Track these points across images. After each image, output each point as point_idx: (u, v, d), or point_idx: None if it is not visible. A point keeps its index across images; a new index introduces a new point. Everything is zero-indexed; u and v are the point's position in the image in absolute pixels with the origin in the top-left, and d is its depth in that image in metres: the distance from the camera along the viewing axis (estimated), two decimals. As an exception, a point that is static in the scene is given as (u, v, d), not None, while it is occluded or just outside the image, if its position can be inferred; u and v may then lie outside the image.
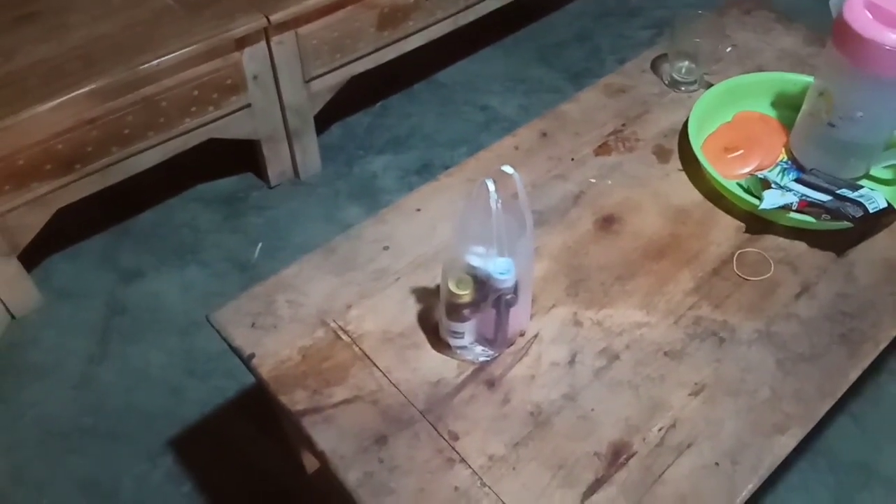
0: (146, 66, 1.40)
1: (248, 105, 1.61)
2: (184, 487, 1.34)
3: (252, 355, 0.98)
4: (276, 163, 1.77)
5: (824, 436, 1.40)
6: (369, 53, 1.72)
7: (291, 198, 1.80)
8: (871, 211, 1.05)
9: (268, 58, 1.56)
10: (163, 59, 1.41)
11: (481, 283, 0.90)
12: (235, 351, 0.99)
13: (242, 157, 1.82)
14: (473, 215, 0.86)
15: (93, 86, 1.36)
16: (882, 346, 0.99)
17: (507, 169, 0.83)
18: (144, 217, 1.77)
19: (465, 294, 0.90)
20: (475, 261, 0.89)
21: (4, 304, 1.52)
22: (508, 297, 0.90)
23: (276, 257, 1.67)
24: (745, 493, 0.86)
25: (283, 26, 1.53)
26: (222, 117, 1.58)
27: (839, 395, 0.95)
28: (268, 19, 1.49)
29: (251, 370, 0.98)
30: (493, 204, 0.82)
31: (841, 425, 1.42)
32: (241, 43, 1.50)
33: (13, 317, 1.56)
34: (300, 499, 1.33)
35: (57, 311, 1.59)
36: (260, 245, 1.70)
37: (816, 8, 1.42)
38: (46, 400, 1.45)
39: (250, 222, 1.75)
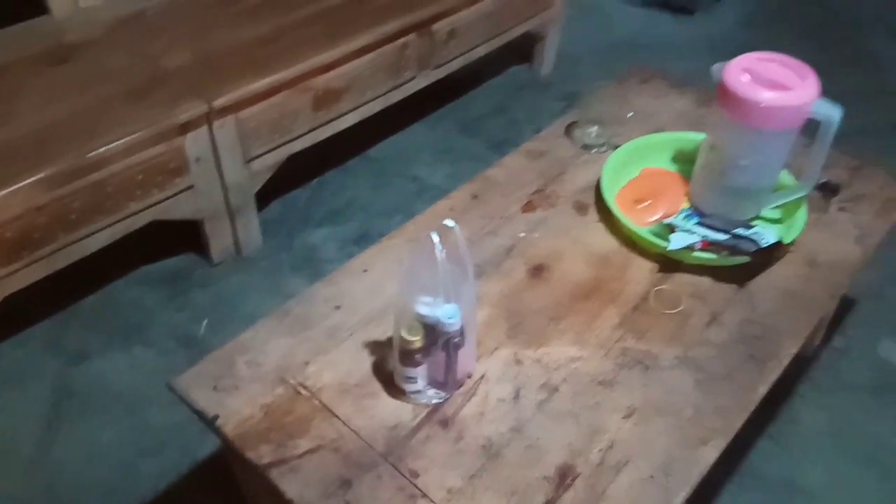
0: (94, 153, 1.46)
1: (191, 186, 1.68)
2: (143, 564, 1.34)
3: (216, 416, 1.03)
4: (219, 240, 1.84)
5: (749, 458, 1.52)
6: (306, 133, 1.83)
7: (235, 273, 1.86)
8: (763, 246, 1.20)
9: (209, 141, 1.65)
10: (110, 145, 1.48)
11: (430, 329, 0.99)
12: (199, 414, 1.04)
13: (184, 236, 1.87)
14: (419, 267, 0.96)
15: (42, 174, 1.42)
16: (785, 363, 1.12)
17: (449, 222, 0.94)
18: (89, 300, 1.79)
19: (417, 340, 0.99)
20: (423, 309, 0.99)
21: (-52, 396, 1.51)
22: (456, 339, 1.00)
23: (223, 331, 1.70)
24: (679, 500, 0.95)
25: (225, 111, 1.63)
26: (166, 199, 1.65)
27: (752, 407, 1.07)
28: (210, 105, 1.59)
29: (215, 431, 1.03)
30: (438, 254, 0.92)
31: (763, 448, 1.54)
32: (185, 128, 1.59)
33: (-43, 407, 1.54)
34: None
35: (5, 396, 1.58)
36: (206, 321, 1.75)
37: (704, 74, 1.63)
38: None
39: (195, 299, 1.80)
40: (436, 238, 0.92)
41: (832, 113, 1.17)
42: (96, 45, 1.76)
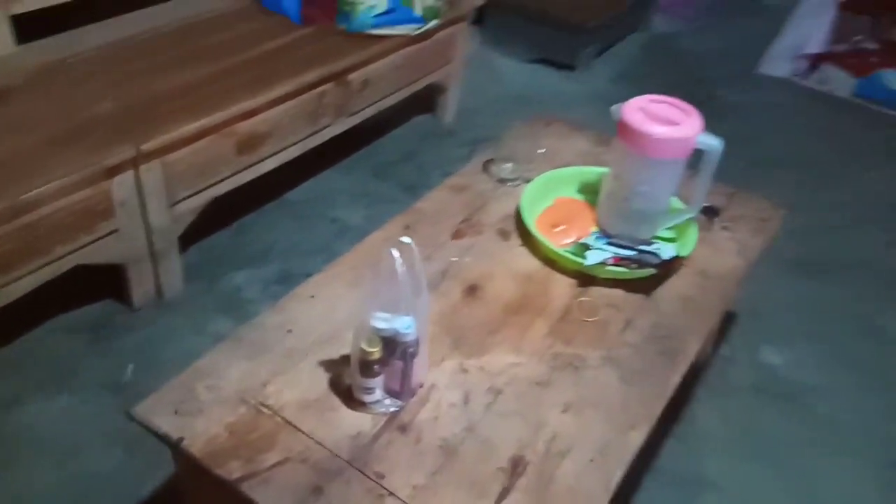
0: (25, 196, 1.46)
1: (116, 230, 1.69)
2: None
3: (181, 438, 1.06)
4: (141, 285, 1.83)
5: (660, 458, 1.68)
6: (229, 176, 1.89)
7: (158, 317, 1.86)
8: (664, 259, 1.39)
9: (135, 185, 1.67)
10: (40, 189, 1.48)
11: (388, 342, 1.08)
12: (163, 438, 1.07)
13: (103, 282, 1.86)
14: (380, 282, 1.05)
15: (-34, 218, 1.40)
16: (691, 357, 1.29)
17: (406, 239, 1.04)
18: (7, 350, 1.73)
19: (375, 351, 1.07)
20: (380, 323, 1.08)
21: None
22: (412, 349, 1.09)
23: (151, 375, 1.70)
24: (616, 478, 1.08)
25: (152, 155, 1.66)
26: (92, 243, 1.65)
27: (669, 395, 1.22)
28: (137, 149, 1.62)
29: (182, 452, 1.06)
30: (398, 268, 1.02)
31: (671, 448, 1.71)
32: (112, 172, 1.61)
33: None
34: None
35: (-86, 457, 1.49)
36: (131, 366, 1.73)
37: (590, 121, 1.84)
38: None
39: (118, 345, 1.78)
40: (396, 253, 1.02)
41: (714, 143, 1.38)
42: (18, 92, 1.75)
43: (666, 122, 1.37)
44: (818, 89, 3.31)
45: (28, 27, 1.91)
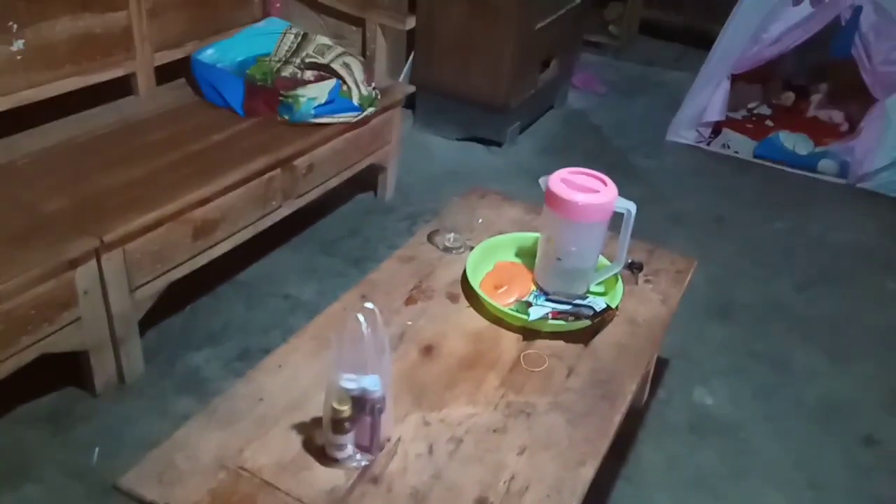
0: (-12, 292, 1.52)
1: (79, 318, 1.74)
2: None
3: (167, 505, 1.13)
4: (103, 370, 1.88)
5: (612, 499, 1.80)
6: (186, 261, 1.98)
7: (120, 402, 1.89)
8: (598, 310, 1.55)
9: (97, 274, 1.74)
10: (5, 284, 1.54)
11: (356, 400, 1.19)
12: (149, 506, 1.13)
13: (64, 372, 1.89)
14: (345, 346, 1.17)
15: (-66, 316, 1.44)
16: (628, 396, 1.43)
17: (369, 305, 1.16)
18: (-40, 449, 1.73)
19: (346, 409, 1.17)
20: (349, 384, 1.18)
21: None
22: (379, 405, 1.20)
23: (117, 458, 1.72)
24: (572, 509, 1.20)
25: (113, 245, 1.74)
26: (54, 332, 1.70)
27: (612, 433, 1.35)
28: (101, 240, 1.70)
29: (167, 519, 1.12)
30: (363, 330, 1.14)
31: (621, 489, 1.83)
32: (75, 263, 1.68)
33: None
34: None
35: None
36: (97, 449, 1.76)
37: (518, 192, 2.02)
38: None
39: (82, 432, 1.80)
40: (361, 318, 1.14)
41: (629, 206, 1.56)
42: (-33, 195, 1.81)
43: (587, 190, 1.55)
44: (721, 153, 3.64)
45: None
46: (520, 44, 3.21)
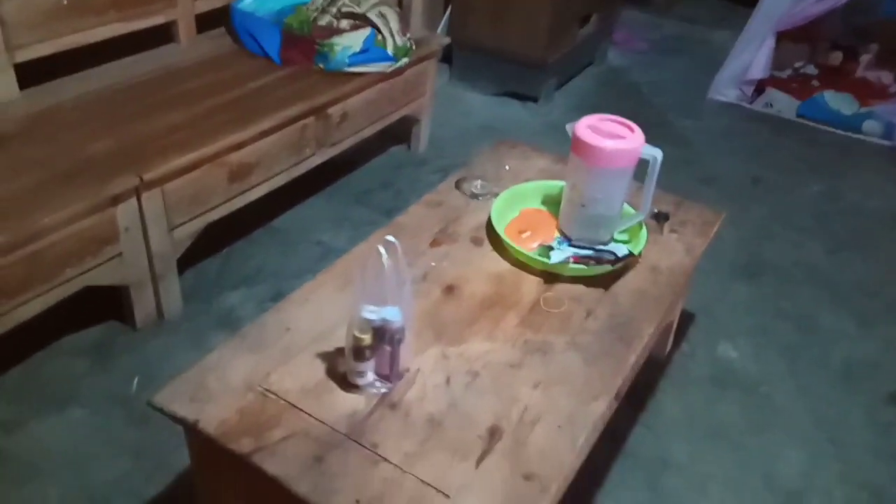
0: (35, 224, 1.60)
1: (120, 254, 1.83)
2: None
3: (197, 421, 1.20)
4: (143, 306, 1.97)
5: (629, 445, 1.83)
6: (222, 203, 2.04)
7: (158, 336, 1.98)
8: (619, 256, 1.56)
9: (138, 211, 1.82)
10: (49, 217, 1.62)
11: (377, 330, 1.24)
12: (181, 421, 1.21)
13: (107, 307, 1.99)
14: (367, 278, 1.21)
15: (-14, 244, 1.53)
16: (646, 339, 1.46)
17: (391, 238, 1.20)
18: (12, 375, 1.84)
19: (366, 338, 1.23)
20: (370, 314, 1.23)
21: None
22: (398, 335, 1.24)
23: (155, 386, 1.80)
24: (581, 440, 1.23)
25: (153, 184, 1.81)
26: (97, 266, 1.78)
27: (626, 372, 1.39)
28: (141, 178, 1.77)
29: (198, 433, 1.19)
30: (385, 263, 1.18)
31: (639, 434, 1.87)
32: (116, 200, 1.75)
33: None
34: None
35: (-66, 471, 1.60)
36: (137, 379, 1.85)
37: (555, 146, 2.03)
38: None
39: (123, 363, 1.90)
40: (383, 250, 1.18)
41: (656, 153, 1.57)
42: (20, 136, 1.89)
43: (613, 136, 1.56)
44: (763, 112, 3.57)
45: (26, 75, 2.06)
46: (557, -2, 3.18)
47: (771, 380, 2.06)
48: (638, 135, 1.57)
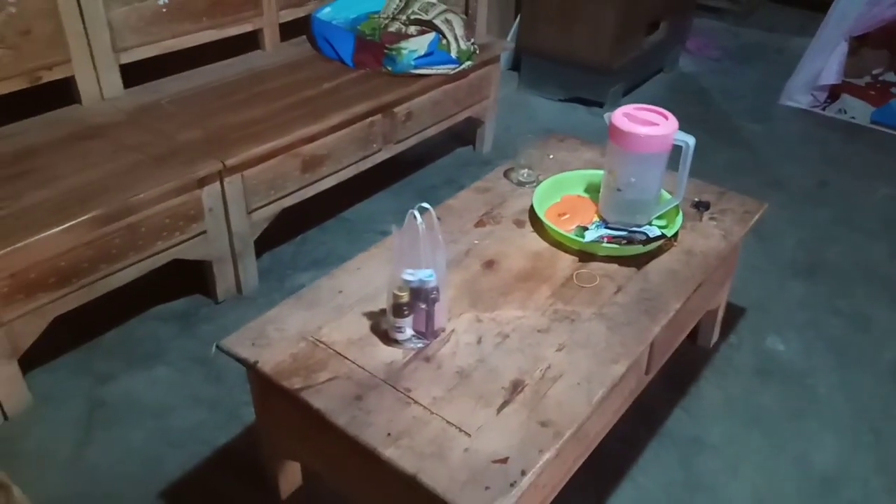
0: (133, 199, 1.84)
1: (204, 231, 2.06)
2: (176, 527, 1.61)
3: (256, 361, 1.38)
4: (223, 281, 2.19)
5: (666, 425, 1.90)
6: (295, 191, 2.25)
7: (236, 309, 2.20)
8: (650, 236, 1.65)
9: (220, 194, 2.04)
10: (144, 193, 1.86)
11: (414, 291, 1.38)
12: (243, 361, 1.39)
13: (192, 281, 2.22)
14: (405, 242, 1.36)
15: (91, 215, 1.77)
16: (671, 313, 1.54)
17: (425, 205, 1.35)
18: (109, 336, 2.09)
19: (404, 295, 1.37)
20: (408, 276, 1.38)
21: (0, 405, 1.78)
22: (433, 295, 1.39)
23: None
24: (598, 396, 1.33)
25: (234, 169, 2.03)
26: (185, 241, 2.01)
27: (649, 341, 1.47)
28: (223, 164, 1.99)
29: (257, 372, 1.37)
30: (419, 225, 1.33)
31: (677, 416, 1.93)
32: (202, 182, 1.98)
33: (6, 417, 1.80)
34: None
35: (44, 410, 1.85)
36: (216, 344, 2.06)
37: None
38: (43, 478, 1.68)
39: (204, 329, 2.12)
40: (417, 214, 1.33)
41: (688, 139, 1.65)
42: (122, 126, 2.16)
43: (648, 123, 1.65)
44: (835, 118, 3.52)
45: (128, 76, 2.34)
46: (623, 5, 3.27)
47: (816, 373, 2.07)
48: (671, 122, 1.66)
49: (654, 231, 1.68)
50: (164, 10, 2.28)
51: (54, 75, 2.13)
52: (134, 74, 2.34)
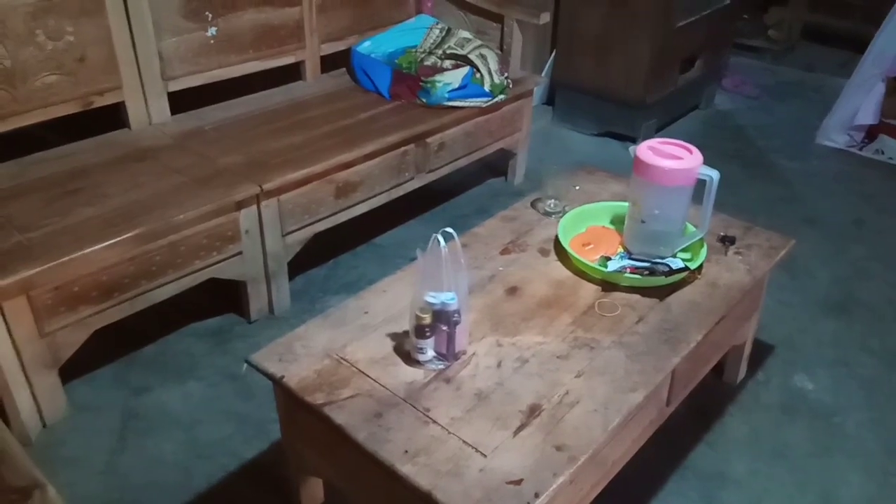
0: (174, 218, 1.92)
1: (241, 252, 2.13)
2: (201, 537, 1.66)
3: (283, 376, 1.43)
4: (257, 300, 2.26)
5: (689, 459, 1.89)
6: (329, 216, 2.32)
7: (269, 328, 2.26)
8: (673, 268, 1.67)
9: (257, 216, 2.12)
10: (185, 214, 1.94)
11: (436, 313, 1.42)
12: (269, 376, 1.44)
13: (226, 301, 2.30)
14: (428, 265, 1.41)
15: (134, 232, 1.86)
16: (692, 344, 1.55)
17: (448, 230, 1.40)
18: (146, 350, 2.17)
19: (427, 317, 1.41)
20: (430, 298, 1.42)
21: (40, 412, 1.86)
22: (455, 317, 1.42)
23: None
24: (614, 423, 1.35)
25: (270, 193, 2.11)
26: (221, 261, 2.09)
27: (668, 371, 1.49)
28: (261, 188, 2.08)
29: (282, 386, 1.42)
30: (442, 249, 1.37)
31: (700, 451, 1.92)
32: (240, 205, 2.07)
33: (45, 424, 1.88)
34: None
35: (80, 419, 1.92)
36: (245, 359, 2.12)
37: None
38: (77, 483, 1.75)
39: (236, 347, 2.19)
40: (441, 238, 1.38)
41: (713, 174, 1.68)
42: (167, 149, 2.27)
43: (672, 157, 1.68)
44: (874, 158, 3.49)
45: (176, 103, 2.46)
46: (658, 41, 3.31)
47: (845, 411, 2.05)
48: (696, 156, 1.69)
49: (677, 263, 1.69)
50: (213, 41, 2.40)
51: (106, 101, 2.25)
52: (181, 101, 2.46)
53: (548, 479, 1.23)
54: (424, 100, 2.61)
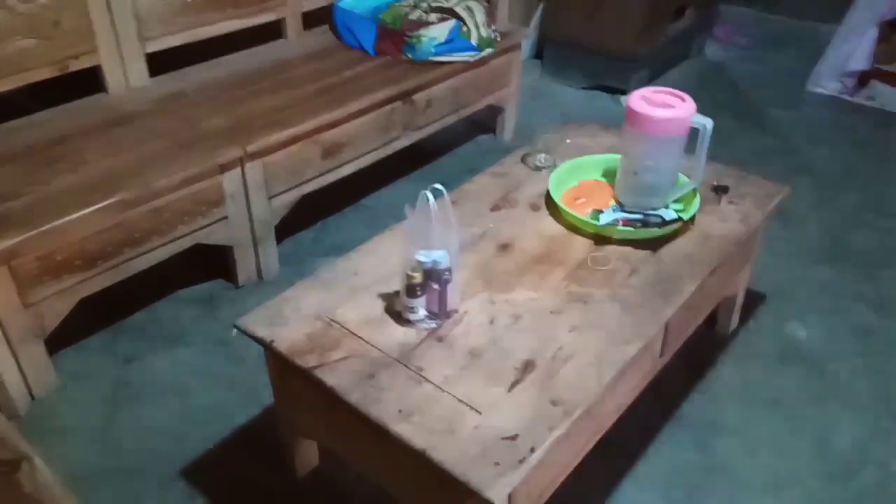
0: (156, 183, 1.88)
1: (226, 217, 2.09)
2: (198, 501, 1.65)
3: (272, 340, 1.41)
4: (244, 266, 2.23)
5: (682, 409, 1.89)
6: (315, 177, 2.28)
7: (257, 293, 2.24)
8: (666, 219, 1.65)
9: (241, 180, 2.08)
10: (168, 178, 1.90)
11: (427, 272, 1.40)
12: (259, 340, 1.42)
13: (214, 266, 2.27)
14: (418, 223, 1.38)
15: (116, 198, 1.82)
16: (686, 295, 1.53)
17: (438, 186, 1.36)
18: (135, 318, 2.15)
19: (417, 276, 1.39)
20: (421, 257, 1.40)
21: (28, 384, 1.83)
22: (446, 276, 1.40)
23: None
24: (609, 377, 1.34)
25: (255, 155, 2.07)
26: (207, 226, 2.05)
27: (662, 323, 1.47)
28: (244, 150, 2.03)
29: (272, 350, 1.40)
30: (431, 207, 1.34)
31: (693, 400, 1.92)
32: (223, 168, 2.02)
33: (33, 397, 1.86)
34: (294, 499, 1.67)
35: (71, 389, 1.90)
36: (234, 324, 2.10)
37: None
38: (71, 453, 1.74)
39: (225, 313, 2.17)
40: (430, 195, 1.35)
41: (706, 122, 1.64)
42: (148, 113, 2.21)
43: (664, 106, 1.65)
44: (865, 105, 3.45)
45: (154, 65, 2.39)
46: (648, -9, 3.24)
47: (838, 358, 2.05)
48: (689, 104, 1.65)
49: (670, 214, 1.67)
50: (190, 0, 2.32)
51: (81, 64, 2.18)
52: (160, 63, 2.39)
53: (543, 434, 1.22)
54: (410, 55, 2.55)
